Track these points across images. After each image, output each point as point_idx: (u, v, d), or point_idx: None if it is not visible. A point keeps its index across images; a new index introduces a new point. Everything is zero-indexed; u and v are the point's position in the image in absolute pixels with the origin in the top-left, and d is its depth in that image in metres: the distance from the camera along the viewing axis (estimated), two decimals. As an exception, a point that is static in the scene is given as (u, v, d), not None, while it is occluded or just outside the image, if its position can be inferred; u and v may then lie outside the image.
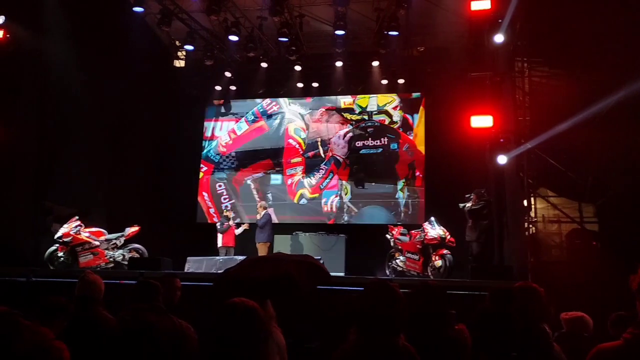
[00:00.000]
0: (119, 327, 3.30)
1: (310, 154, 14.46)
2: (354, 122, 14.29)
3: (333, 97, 14.40)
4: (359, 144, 14.13)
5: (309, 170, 14.38)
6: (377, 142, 14.05)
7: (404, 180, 13.53)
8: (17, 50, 9.70)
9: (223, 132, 15.13)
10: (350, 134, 14.25)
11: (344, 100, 14.34)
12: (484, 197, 9.69)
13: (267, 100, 14.84)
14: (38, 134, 10.21)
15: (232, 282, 4.13)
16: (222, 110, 15.17)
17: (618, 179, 7.28)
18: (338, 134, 14.31)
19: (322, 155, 14.40)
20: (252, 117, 15.08)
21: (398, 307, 2.30)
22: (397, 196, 13.52)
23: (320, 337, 3.26)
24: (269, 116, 15.00)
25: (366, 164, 13.96)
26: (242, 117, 15.14)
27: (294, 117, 14.77)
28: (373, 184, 13.82)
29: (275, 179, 14.68)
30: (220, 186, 14.83)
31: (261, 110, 15.06)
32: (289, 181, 14.48)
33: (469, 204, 9.67)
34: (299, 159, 14.54)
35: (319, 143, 14.46)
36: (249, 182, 14.83)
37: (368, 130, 14.17)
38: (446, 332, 3.10)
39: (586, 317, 4.20)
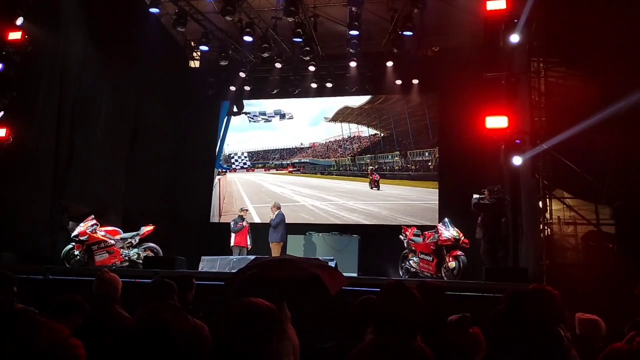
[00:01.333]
0: (135, 326, 3.33)
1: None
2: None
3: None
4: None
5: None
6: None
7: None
8: (35, 51, 9.82)
9: (235, 131, 15.14)
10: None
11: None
12: (496, 194, 9.63)
13: (281, 100, 14.86)
14: (56, 133, 10.33)
15: (256, 281, 4.17)
16: (235, 109, 15.19)
17: (635, 181, 7.16)
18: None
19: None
20: (265, 116, 15.10)
21: (415, 309, 2.30)
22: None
23: (334, 338, 3.27)
24: (282, 115, 15.02)
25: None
26: (255, 115, 15.18)
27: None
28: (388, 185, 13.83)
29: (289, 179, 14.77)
30: (233, 186, 14.87)
31: (274, 110, 15.08)
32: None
33: (477, 196, 9.67)
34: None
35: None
36: (260, 182, 14.88)
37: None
38: (444, 332, 3.09)
39: (600, 321, 4.15)
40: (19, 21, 9.60)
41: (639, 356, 2.08)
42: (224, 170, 15.13)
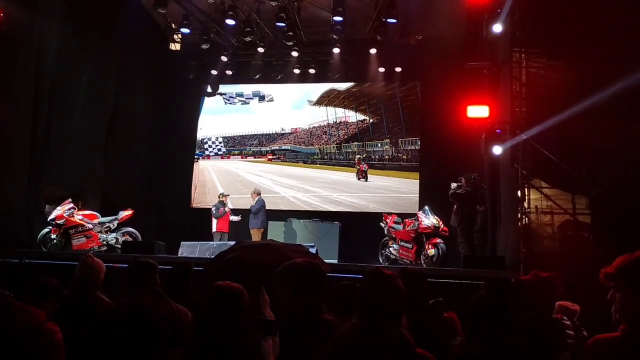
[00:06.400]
0: (116, 311, 3.31)
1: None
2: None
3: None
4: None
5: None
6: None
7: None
8: (11, 30, 9.55)
9: (209, 114, 14.53)
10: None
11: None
12: (472, 182, 9.74)
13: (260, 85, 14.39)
14: (32, 115, 10.10)
15: (235, 266, 4.17)
16: (209, 89, 14.45)
17: (612, 171, 7.31)
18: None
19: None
20: (242, 98, 14.48)
21: (398, 295, 2.34)
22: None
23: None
24: (262, 97, 14.37)
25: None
26: (231, 97, 14.48)
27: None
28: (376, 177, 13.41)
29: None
30: (205, 174, 14.36)
31: (253, 91, 14.37)
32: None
33: (454, 185, 9.78)
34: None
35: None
36: (236, 170, 14.41)
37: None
38: (425, 318, 3.14)
39: (568, 306, 4.24)
40: (-6, -1, 9.33)
41: (625, 344, 2.11)
42: (196, 156, 14.40)
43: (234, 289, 2.33)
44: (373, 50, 12.95)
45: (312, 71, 13.90)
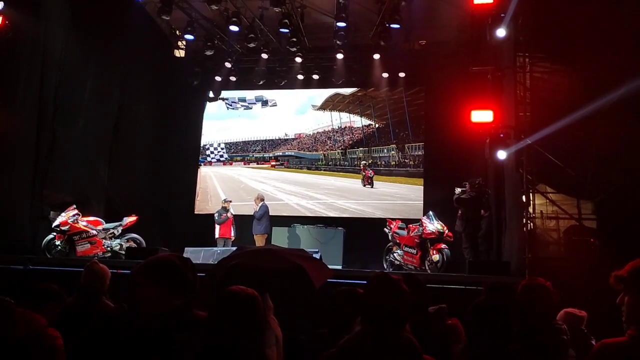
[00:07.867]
0: (116, 316, 3.29)
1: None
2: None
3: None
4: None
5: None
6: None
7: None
8: (16, 37, 9.61)
9: (211, 119, 14.35)
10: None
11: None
12: (476, 187, 9.72)
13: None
14: (37, 121, 10.14)
15: (240, 272, 4.15)
16: (211, 94, 14.33)
17: (617, 176, 7.27)
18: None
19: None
20: (245, 103, 14.34)
21: (402, 300, 2.33)
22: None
23: (317, 329, 3.27)
24: (265, 102, 14.22)
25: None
26: (233, 102, 14.34)
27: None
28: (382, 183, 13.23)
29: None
30: (207, 181, 14.27)
31: (256, 96, 14.20)
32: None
33: (458, 190, 9.76)
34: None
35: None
36: (239, 177, 14.30)
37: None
38: (427, 324, 3.12)
39: (574, 313, 4.20)
40: (0, 6, 9.39)
41: (632, 349, 2.09)
42: (198, 163, 14.31)
43: (250, 295, 2.32)
44: (377, 56, 12.95)
45: (315, 77, 13.90)
